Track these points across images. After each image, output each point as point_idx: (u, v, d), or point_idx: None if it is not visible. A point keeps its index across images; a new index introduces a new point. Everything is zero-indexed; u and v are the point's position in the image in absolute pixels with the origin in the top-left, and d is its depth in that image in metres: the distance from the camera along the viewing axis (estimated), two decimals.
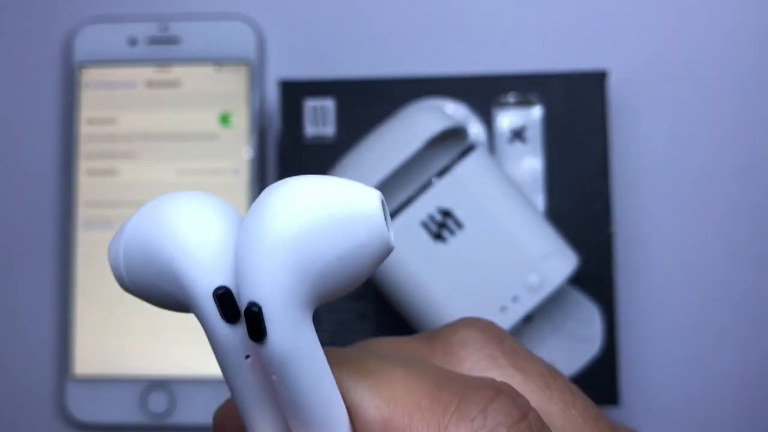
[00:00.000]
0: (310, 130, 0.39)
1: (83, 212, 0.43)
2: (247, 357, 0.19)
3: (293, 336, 0.18)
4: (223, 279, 0.18)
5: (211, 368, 0.42)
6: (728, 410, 0.42)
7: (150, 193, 0.42)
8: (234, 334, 0.18)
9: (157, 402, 0.42)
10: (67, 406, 0.42)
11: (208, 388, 0.42)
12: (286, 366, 0.18)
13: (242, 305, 0.18)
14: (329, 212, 0.17)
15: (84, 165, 0.43)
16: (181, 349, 0.42)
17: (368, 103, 0.39)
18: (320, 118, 0.39)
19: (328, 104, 0.39)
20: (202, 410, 0.42)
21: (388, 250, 0.18)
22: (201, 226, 0.18)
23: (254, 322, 0.18)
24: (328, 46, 0.44)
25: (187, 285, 0.18)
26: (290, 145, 0.39)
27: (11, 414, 0.43)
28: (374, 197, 0.18)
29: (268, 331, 0.18)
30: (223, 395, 0.41)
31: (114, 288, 0.42)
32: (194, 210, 0.18)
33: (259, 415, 0.19)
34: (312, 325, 0.18)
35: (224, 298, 0.18)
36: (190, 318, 0.22)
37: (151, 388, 0.42)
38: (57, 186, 0.44)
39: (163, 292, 0.19)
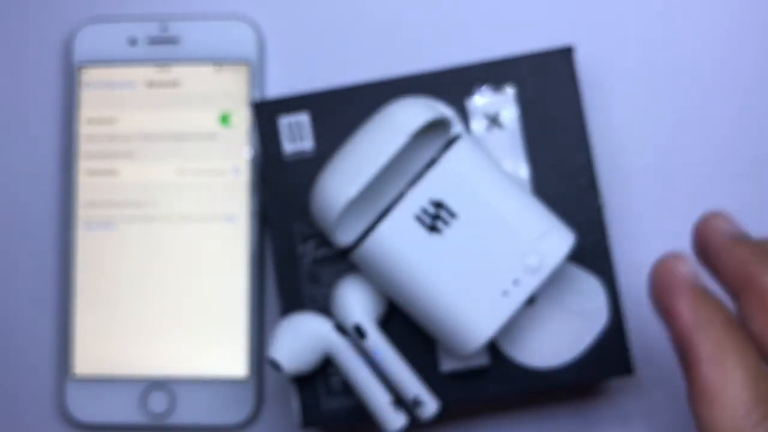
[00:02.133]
0: (289, 147, 0.39)
1: (83, 212, 0.43)
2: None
3: (375, 332, 0.37)
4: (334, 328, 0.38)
5: (211, 368, 0.42)
6: None
7: (150, 192, 0.42)
8: (349, 343, 0.37)
9: (157, 402, 0.42)
10: (66, 406, 0.42)
11: (208, 389, 0.42)
12: (377, 345, 0.36)
13: (349, 328, 0.37)
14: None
15: (84, 165, 0.43)
16: (181, 349, 0.42)
17: (342, 111, 0.39)
18: (297, 134, 0.39)
19: (303, 119, 0.39)
20: (202, 410, 0.42)
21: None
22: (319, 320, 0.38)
23: (360, 331, 0.37)
24: (328, 46, 0.44)
25: (326, 337, 0.37)
26: (270, 165, 0.39)
27: (11, 414, 0.43)
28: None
29: (366, 333, 0.37)
30: (222, 394, 0.41)
31: (113, 288, 0.42)
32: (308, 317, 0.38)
33: (371, 382, 0.36)
34: (378, 328, 0.37)
35: (340, 328, 0.37)
36: (189, 318, 0.42)
37: (151, 388, 0.42)
38: (57, 186, 0.44)
39: (311, 355, 0.37)
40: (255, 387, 0.42)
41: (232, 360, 0.42)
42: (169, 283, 0.42)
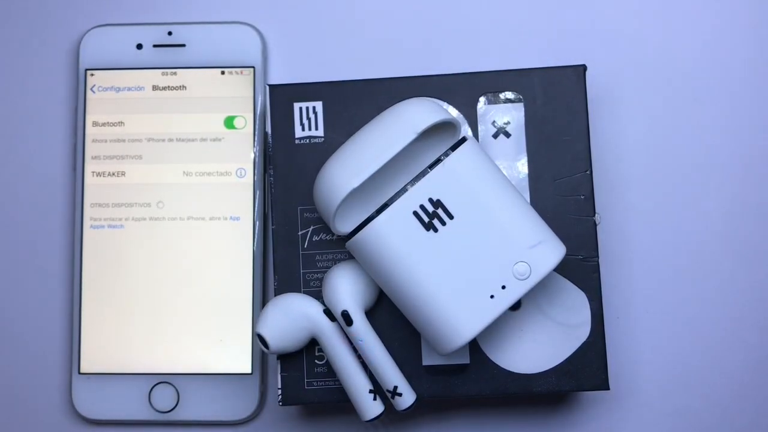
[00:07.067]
0: (300, 132, 0.40)
1: (90, 213, 0.43)
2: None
3: (361, 321, 0.38)
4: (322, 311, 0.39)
5: (216, 365, 0.42)
6: (715, 392, 0.43)
7: (156, 194, 0.43)
8: (335, 327, 0.38)
9: (163, 398, 0.42)
10: (74, 402, 0.43)
11: (214, 385, 0.42)
12: (362, 333, 0.37)
13: (337, 313, 0.38)
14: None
15: (91, 167, 0.44)
16: (187, 346, 0.42)
17: (355, 103, 0.40)
18: (309, 121, 0.40)
19: (317, 107, 0.40)
20: (207, 406, 0.42)
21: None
22: (311, 302, 0.39)
23: (347, 318, 0.37)
24: (330, 51, 0.45)
25: (314, 319, 0.38)
26: (280, 147, 0.40)
27: (19, 410, 0.44)
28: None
29: (353, 321, 0.37)
30: (227, 391, 0.42)
31: (120, 286, 0.43)
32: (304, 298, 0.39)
33: (353, 368, 0.38)
34: (365, 317, 0.38)
35: (328, 312, 0.38)
36: (195, 316, 0.43)
37: (157, 384, 0.42)
38: (65, 187, 0.44)
39: (297, 335, 0.38)
40: (259, 383, 0.42)
41: (236, 357, 0.42)
42: (175, 282, 0.43)
